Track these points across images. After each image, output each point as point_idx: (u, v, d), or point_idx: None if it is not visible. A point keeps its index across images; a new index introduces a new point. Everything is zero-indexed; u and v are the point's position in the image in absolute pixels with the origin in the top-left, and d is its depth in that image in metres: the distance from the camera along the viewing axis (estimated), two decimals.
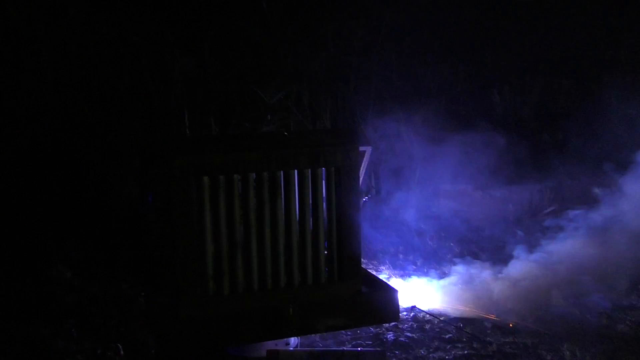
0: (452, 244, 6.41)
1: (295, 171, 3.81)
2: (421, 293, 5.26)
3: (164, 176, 3.70)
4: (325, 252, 3.96)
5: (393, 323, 4.75)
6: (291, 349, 4.14)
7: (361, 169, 4.02)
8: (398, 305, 4.10)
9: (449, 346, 4.48)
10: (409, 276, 5.74)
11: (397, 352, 4.40)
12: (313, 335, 4.46)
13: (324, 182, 3.89)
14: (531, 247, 5.76)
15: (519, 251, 5.67)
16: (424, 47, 7.35)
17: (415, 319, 4.91)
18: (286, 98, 6.82)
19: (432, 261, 6.10)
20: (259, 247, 3.81)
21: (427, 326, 4.80)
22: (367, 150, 4.05)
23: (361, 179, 4.05)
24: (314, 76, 6.99)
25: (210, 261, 3.74)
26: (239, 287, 3.80)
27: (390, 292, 4.12)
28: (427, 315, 4.92)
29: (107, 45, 6.19)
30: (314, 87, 6.97)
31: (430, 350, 4.43)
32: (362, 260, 5.73)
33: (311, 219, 3.88)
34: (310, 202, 3.87)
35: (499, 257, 5.85)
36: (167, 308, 3.84)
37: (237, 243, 3.75)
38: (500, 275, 5.39)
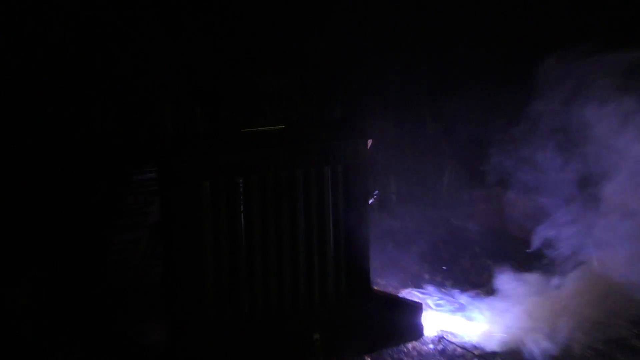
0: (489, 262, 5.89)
1: (300, 172, 3.68)
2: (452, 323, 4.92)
3: (159, 183, 3.52)
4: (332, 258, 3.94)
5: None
6: None
7: None
8: (421, 321, 4.15)
9: None
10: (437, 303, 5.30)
11: None
12: None
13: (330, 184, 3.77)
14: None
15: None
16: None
17: (443, 353, 4.51)
18: (287, 85, 6.37)
19: (466, 281, 5.66)
20: (264, 266, 3.67)
21: None
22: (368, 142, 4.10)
23: None
24: (320, 60, 6.57)
25: (210, 283, 3.53)
26: (242, 314, 3.61)
27: (413, 307, 4.11)
28: (459, 349, 4.53)
29: (75, 26, 5.62)
30: (321, 72, 6.56)
31: None
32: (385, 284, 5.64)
33: (317, 230, 3.80)
34: (316, 210, 3.76)
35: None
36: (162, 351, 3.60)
37: (241, 260, 3.58)
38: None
